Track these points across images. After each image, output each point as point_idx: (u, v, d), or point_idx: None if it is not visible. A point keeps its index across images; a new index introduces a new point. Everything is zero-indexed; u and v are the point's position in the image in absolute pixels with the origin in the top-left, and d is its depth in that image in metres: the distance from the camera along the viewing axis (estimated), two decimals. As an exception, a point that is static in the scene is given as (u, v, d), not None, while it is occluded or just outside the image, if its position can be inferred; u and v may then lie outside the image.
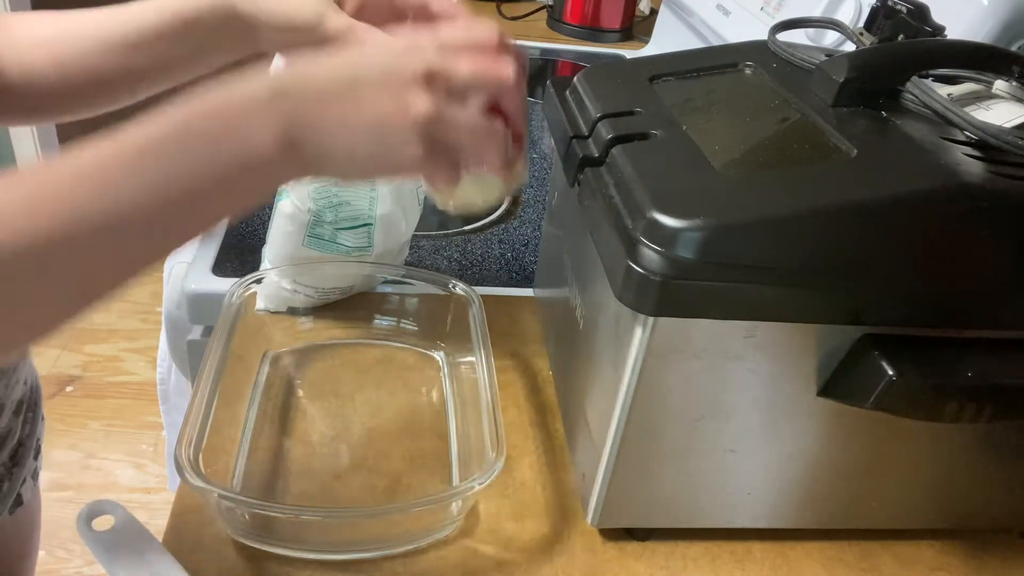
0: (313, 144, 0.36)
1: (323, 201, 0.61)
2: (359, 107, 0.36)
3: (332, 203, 0.61)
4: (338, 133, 0.37)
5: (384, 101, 0.37)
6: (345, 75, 0.37)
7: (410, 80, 0.36)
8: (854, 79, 0.47)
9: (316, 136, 0.36)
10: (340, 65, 0.38)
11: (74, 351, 1.85)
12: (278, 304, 0.66)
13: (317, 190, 0.61)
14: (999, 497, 0.53)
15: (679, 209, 0.39)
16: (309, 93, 0.36)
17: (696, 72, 0.56)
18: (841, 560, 0.52)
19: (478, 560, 0.49)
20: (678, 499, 0.49)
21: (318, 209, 0.61)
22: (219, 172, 0.35)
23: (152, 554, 0.44)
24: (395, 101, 0.36)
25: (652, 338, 0.41)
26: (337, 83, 0.37)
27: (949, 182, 0.40)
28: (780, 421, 0.46)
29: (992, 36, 0.69)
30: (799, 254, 0.40)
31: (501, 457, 0.47)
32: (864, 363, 0.42)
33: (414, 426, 0.58)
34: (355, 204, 0.62)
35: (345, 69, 0.37)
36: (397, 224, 0.65)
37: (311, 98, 0.36)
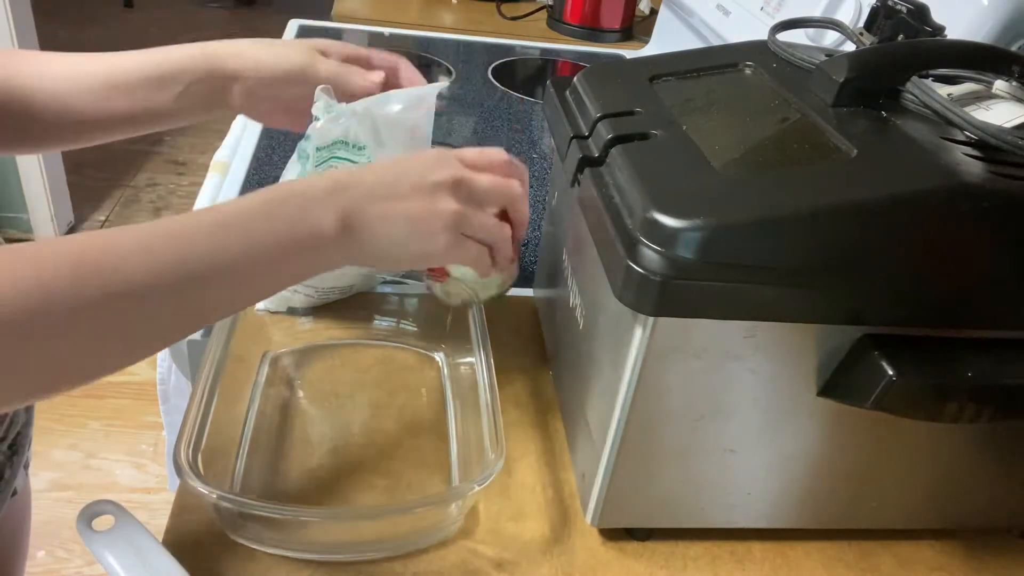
0: (364, 231, 0.44)
1: None
2: (400, 204, 0.45)
3: None
4: (383, 223, 0.44)
5: (419, 201, 0.45)
6: (390, 177, 0.45)
7: (440, 186, 0.46)
8: (854, 79, 0.47)
9: (367, 224, 0.44)
10: (386, 169, 0.46)
11: (74, 351, 1.85)
12: (278, 304, 0.66)
13: None
14: (999, 497, 0.53)
15: (679, 209, 0.39)
16: (362, 190, 0.44)
17: (696, 72, 0.56)
18: (841, 560, 0.52)
19: (478, 560, 0.49)
20: (678, 499, 0.49)
21: None
22: (290, 246, 0.42)
23: (152, 554, 0.44)
24: (428, 202, 0.45)
25: (652, 338, 0.41)
26: (383, 183, 0.45)
27: (949, 182, 0.40)
28: (780, 421, 0.46)
29: (992, 36, 0.69)
30: (799, 254, 0.40)
31: (501, 458, 0.47)
32: (864, 363, 0.42)
33: (414, 426, 0.58)
34: None
35: (390, 174, 0.46)
36: None
37: (363, 195, 0.44)
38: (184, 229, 0.39)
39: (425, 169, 0.46)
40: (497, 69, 1.36)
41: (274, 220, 0.41)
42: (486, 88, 1.27)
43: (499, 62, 1.39)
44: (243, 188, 0.87)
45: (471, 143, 1.07)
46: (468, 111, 1.17)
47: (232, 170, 0.91)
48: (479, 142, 1.07)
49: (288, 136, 1.00)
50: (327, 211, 0.42)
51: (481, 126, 1.13)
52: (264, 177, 0.90)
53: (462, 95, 1.23)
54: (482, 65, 1.36)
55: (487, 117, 1.16)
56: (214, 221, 0.40)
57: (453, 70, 1.32)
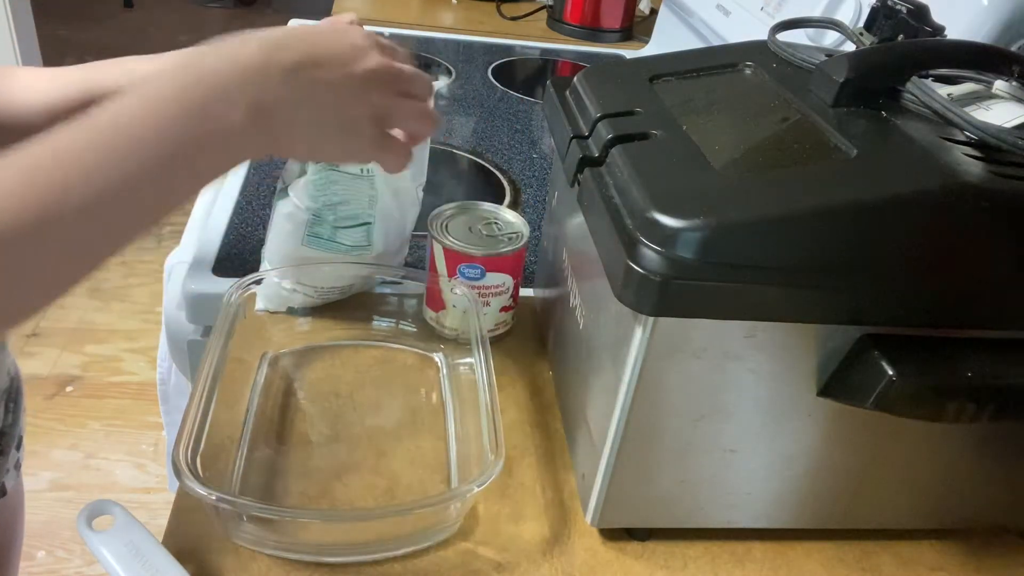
0: (281, 123, 0.40)
1: (322, 200, 0.61)
2: (328, 95, 0.42)
3: (331, 202, 0.62)
4: (305, 114, 0.41)
5: (349, 93, 0.42)
6: (318, 57, 0.42)
7: (370, 77, 0.43)
8: (854, 79, 0.47)
9: (285, 115, 0.40)
10: (311, 45, 0.42)
11: (74, 351, 1.85)
12: (277, 304, 0.66)
13: (317, 188, 0.61)
14: (999, 497, 0.53)
15: (679, 209, 0.39)
16: (282, 72, 0.40)
17: (696, 72, 0.56)
18: (841, 560, 0.52)
19: (478, 561, 0.49)
20: (678, 499, 0.49)
21: (317, 208, 0.61)
22: (200, 140, 0.38)
23: (152, 554, 0.44)
24: (358, 94, 0.43)
25: (652, 338, 0.41)
26: (309, 64, 0.41)
27: (949, 182, 0.40)
28: (780, 421, 0.46)
29: (992, 36, 0.69)
30: (799, 254, 0.40)
31: (500, 459, 0.47)
32: (864, 363, 0.42)
33: (413, 427, 0.58)
34: (354, 203, 0.62)
35: (316, 52, 0.42)
36: (397, 223, 0.65)
37: (282, 79, 0.40)
38: (102, 133, 0.36)
39: (354, 52, 0.43)
40: (497, 69, 1.36)
41: (180, 112, 0.37)
42: (486, 88, 1.27)
43: (499, 62, 1.39)
44: (243, 187, 0.87)
45: (471, 143, 1.07)
46: (468, 111, 1.17)
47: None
48: (479, 142, 1.07)
49: (288, 136, 1.00)
50: (238, 101, 0.38)
51: (481, 126, 1.13)
52: (264, 176, 0.90)
53: (462, 95, 1.23)
54: (482, 65, 1.36)
55: (487, 117, 1.16)
56: (138, 119, 0.36)
57: (453, 70, 1.32)
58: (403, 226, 0.66)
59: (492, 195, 0.94)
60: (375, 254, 0.64)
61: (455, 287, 0.61)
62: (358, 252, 0.64)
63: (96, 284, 2.08)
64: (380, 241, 0.64)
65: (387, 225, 0.64)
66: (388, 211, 0.63)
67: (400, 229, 0.66)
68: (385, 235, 0.64)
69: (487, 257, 0.62)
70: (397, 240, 0.66)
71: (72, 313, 1.96)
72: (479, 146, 1.06)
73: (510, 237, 0.64)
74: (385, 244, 0.64)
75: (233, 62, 0.39)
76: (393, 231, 0.65)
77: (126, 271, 2.14)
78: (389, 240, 0.65)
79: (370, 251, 0.64)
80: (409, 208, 0.66)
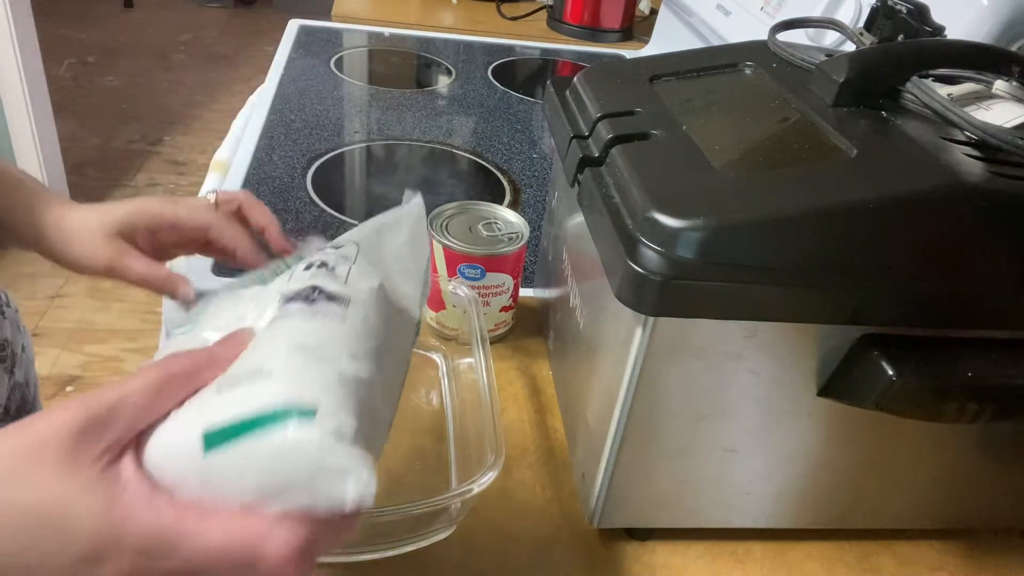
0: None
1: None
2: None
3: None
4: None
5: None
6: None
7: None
8: (854, 79, 0.47)
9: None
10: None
11: (74, 351, 1.85)
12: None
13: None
14: (999, 497, 0.53)
15: (679, 209, 0.39)
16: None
17: (696, 72, 0.56)
18: (841, 560, 0.52)
19: (478, 560, 0.49)
20: (678, 499, 0.49)
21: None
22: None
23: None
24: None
25: (652, 338, 0.41)
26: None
27: (949, 182, 0.40)
28: (780, 421, 0.46)
29: (992, 36, 0.69)
30: (799, 254, 0.40)
31: (500, 459, 0.47)
32: (864, 363, 0.42)
33: (414, 426, 0.58)
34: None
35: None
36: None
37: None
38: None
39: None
40: (497, 69, 1.36)
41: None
42: (486, 88, 1.27)
43: (499, 62, 1.39)
44: (243, 188, 0.87)
45: (471, 143, 1.07)
46: (468, 111, 1.17)
47: (232, 170, 0.91)
48: (479, 142, 1.07)
49: (289, 136, 1.00)
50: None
51: (481, 126, 1.13)
52: (264, 176, 0.90)
53: (462, 95, 1.23)
54: (482, 65, 1.36)
55: (487, 117, 1.16)
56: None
57: (453, 70, 1.32)
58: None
59: (492, 195, 0.94)
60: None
61: (455, 287, 0.61)
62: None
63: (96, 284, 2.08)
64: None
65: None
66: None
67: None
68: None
69: (487, 257, 0.62)
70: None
71: (72, 313, 1.96)
72: (479, 146, 1.06)
73: (510, 237, 0.64)
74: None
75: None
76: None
77: (126, 271, 2.14)
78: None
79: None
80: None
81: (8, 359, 0.64)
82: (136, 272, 0.53)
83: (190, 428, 0.30)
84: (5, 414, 0.63)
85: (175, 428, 0.30)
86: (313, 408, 0.29)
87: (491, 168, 1.00)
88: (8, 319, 0.66)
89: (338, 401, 0.30)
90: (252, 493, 0.29)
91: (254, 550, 0.28)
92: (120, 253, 0.52)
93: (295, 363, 0.31)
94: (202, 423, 0.29)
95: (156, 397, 0.30)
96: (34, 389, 0.70)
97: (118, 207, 0.54)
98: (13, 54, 1.96)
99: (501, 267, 0.63)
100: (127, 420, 0.29)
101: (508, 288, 0.64)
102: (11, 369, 0.65)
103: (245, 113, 1.10)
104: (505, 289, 0.64)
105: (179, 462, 0.30)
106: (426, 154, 1.03)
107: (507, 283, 0.64)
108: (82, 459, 0.28)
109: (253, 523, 0.29)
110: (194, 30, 3.76)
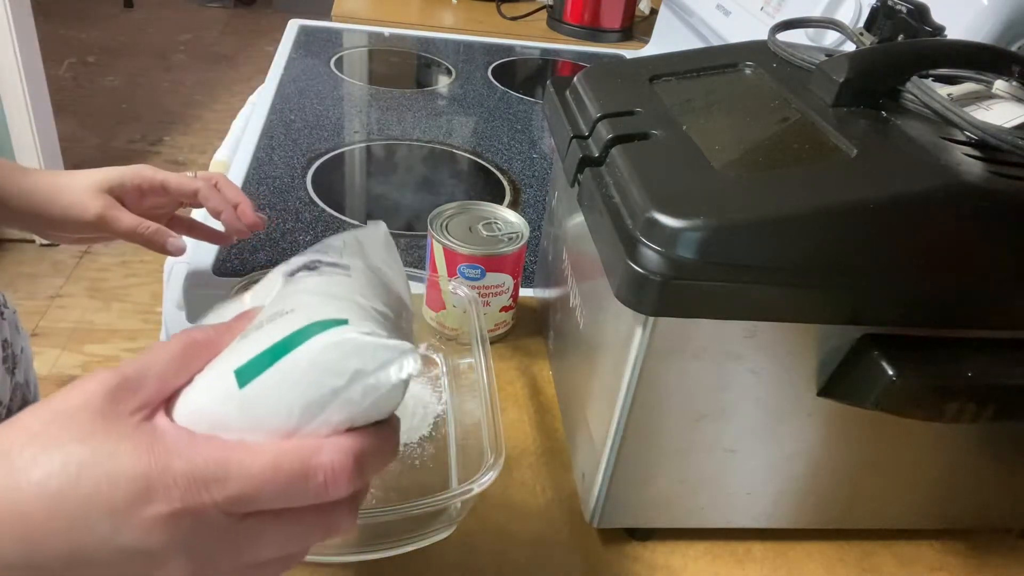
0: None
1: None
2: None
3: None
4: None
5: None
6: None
7: (151, 545, 0.26)
8: (854, 79, 0.47)
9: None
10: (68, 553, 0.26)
11: (74, 351, 1.85)
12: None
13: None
14: (999, 497, 0.53)
15: (679, 209, 0.39)
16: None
17: (696, 72, 0.56)
18: (841, 560, 0.52)
19: (478, 560, 0.49)
20: (678, 499, 0.49)
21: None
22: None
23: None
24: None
25: (652, 338, 0.41)
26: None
27: (949, 182, 0.40)
28: (780, 421, 0.46)
29: (992, 36, 0.69)
30: (799, 254, 0.40)
31: (500, 459, 0.47)
32: (864, 363, 0.42)
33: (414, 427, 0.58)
34: None
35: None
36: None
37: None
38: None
39: (120, 518, 0.26)
40: (497, 69, 1.36)
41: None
42: (486, 88, 1.27)
43: (499, 62, 1.39)
44: (243, 188, 0.87)
45: (471, 143, 1.07)
46: (468, 111, 1.17)
47: (232, 170, 0.91)
48: (479, 142, 1.07)
49: (289, 136, 1.00)
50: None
51: (481, 126, 1.13)
52: (264, 176, 0.90)
53: (462, 95, 1.23)
54: (482, 65, 1.36)
55: (487, 117, 1.16)
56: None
57: (453, 70, 1.32)
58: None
59: (492, 195, 0.94)
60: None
61: (455, 287, 0.61)
62: None
63: (96, 284, 2.08)
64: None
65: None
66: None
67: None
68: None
69: (487, 257, 0.62)
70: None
71: (72, 313, 1.96)
72: (479, 146, 1.06)
73: (510, 237, 0.64)
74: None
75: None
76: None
77: (126, 271, 2.14)
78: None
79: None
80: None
81: (10, 359, 0.65)
82: (125, 223, 0.55)
83: (220, 375, 0.29)
84: (8, 415, 0.63)
85: (203, 382, 0.30)
86: (344, 319, 0.29)
87: (491, 168, 1.00)
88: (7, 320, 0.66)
89: (363, 317, 0.30)
90: (296, 413, 0.28)
91: (306, 463, 0.27)
92: (110, 205, 0.55)
93: (313, 301, 0.31)
94: (232, 365, 0.29)
95: (181, 362, 0.30)
96: (34, 389, 0.70)
97: (109, 169, 0.57)
98: (13, 54, 1.96)
99: (501, 267, 0.63)
100: (156, 382, 0.29)
101: (508, 288, 0.64)
102: (12, 370, 0.65)
103: (245, 113, 1.10)
104: (505, 289, 0.64)
105: (215, 407, 0.29)
106: (426, 154, 1.03)
107: (507, 283, 0.64)
108: (118, 414, 0.27)
109: (303, 441, 0.28)
110: (194, 30, 3.76)
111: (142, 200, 0.59)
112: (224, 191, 0.62)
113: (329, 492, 0.28)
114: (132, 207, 0.58)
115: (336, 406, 0.28)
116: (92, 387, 0.28)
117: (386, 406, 0.29)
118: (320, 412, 0.28)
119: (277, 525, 0.28)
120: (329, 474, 0.28)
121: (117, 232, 0.56)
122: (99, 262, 2.17)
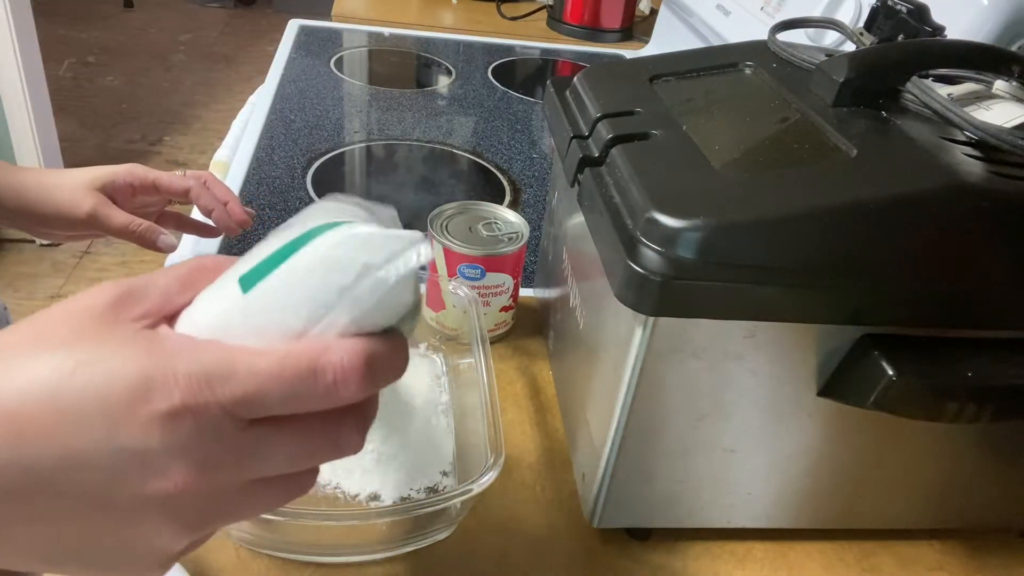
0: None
1: None
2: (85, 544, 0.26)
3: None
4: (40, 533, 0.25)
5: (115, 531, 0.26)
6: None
7: (154, 492, 0.25)
8: (854, 79, 0.47)
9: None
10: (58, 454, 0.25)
11: (74, 351, 1.85)
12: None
13: None
14: (999, 497, 0.53)
15: (679, 209, 0.39)
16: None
17: (696, 72, 0.56)
18: (841, 560, 0.52)
19: (478, 560, 0.49)
20: (678, 499, 0.49)
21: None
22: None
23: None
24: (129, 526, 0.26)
25: (652, 338, 0.41)
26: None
27: (949, 182, 0.40)
28: (780, 421, 0.46)
29: (992, 36, 0.69)
30: (799, 254, 0.40)
31: (500, 459, 0.47)
32: (864, 363, 0.42)
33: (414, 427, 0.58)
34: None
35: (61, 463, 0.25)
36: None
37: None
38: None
39: (135, 467, 0.25)
40: (497, 69, 1.36)
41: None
42: (486, 88, 1.27)
43: (499, 62, 1.39)
44: (243, 188, 0.87)
45: (471, 143, 1.07)
46: (468, 111, 1.17)
47: (232, 170, 0.91)
48: (479, 142, 1.07)
49: (289, 136, 1.00)
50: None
51: (481, 126, 1.13)
52: (264, 176, 0.90)
53: (462, 95, 1.23)
54: (482, 65, 1.36)
55: (487, 117, 1.16)
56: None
57: (453, 70, 1.32)
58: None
59: (492, 195, 0.94)
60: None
61: (455, 287, 0.61)
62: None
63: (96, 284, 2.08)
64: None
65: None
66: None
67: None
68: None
69: (487, 257, 0.62)
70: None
71: (72, 313, 1.96)
72: (479, 146, 1.06)
73: (510, 237, 0.64)
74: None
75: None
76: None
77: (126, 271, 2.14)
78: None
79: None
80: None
81: None
82: (118, 220, 0.56)
83: (223, 284, 0.28)
84: None
85: (207, 292, 0.29)
86: (349, 221, 0.28)
87: (491, 168, 1.00)
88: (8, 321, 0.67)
89: (369, 220, 0.29)
90: (303, 315, 0.26)
91: (315, 360, 0.26)
92: (102, 203, 0.55)
93: (317, 213, 0.29)
94: (236, 274, 0.28)
95: (188, 280, 0.29)
96: None
97: (102, 167, 0.58)
98: (13, 54, 1.96)
99: (501, 267, 0.63)
100: (160, 293, 0.28)
101: (508, 288, 0.64)
102: None
103: (245, 113, 1.10)
104: (505, 289, 0.64)
105: (218, 315, 0.27)
106: (426, 154, 1.03)
107: (507, 283, 0.64)
108: (119, 320, 0.27)
109: (311, 342, 0.27)
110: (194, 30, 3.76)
111: (134, 197, 0.60)
112: (214, 189, 0.64)
113: (340, 392, 0.27)
114: (123, 205, 0.59)
115: (343, 306, 0.27)
116: (95, 295, 0.27)
117: (394, 305, 0.27)
118: (326, 313, 0.27)
119: (283, 435, 0.27)
120: (339, 372, 0.26)
121: (108, 229, 0.56)
122: (99, 262, 2.17)
